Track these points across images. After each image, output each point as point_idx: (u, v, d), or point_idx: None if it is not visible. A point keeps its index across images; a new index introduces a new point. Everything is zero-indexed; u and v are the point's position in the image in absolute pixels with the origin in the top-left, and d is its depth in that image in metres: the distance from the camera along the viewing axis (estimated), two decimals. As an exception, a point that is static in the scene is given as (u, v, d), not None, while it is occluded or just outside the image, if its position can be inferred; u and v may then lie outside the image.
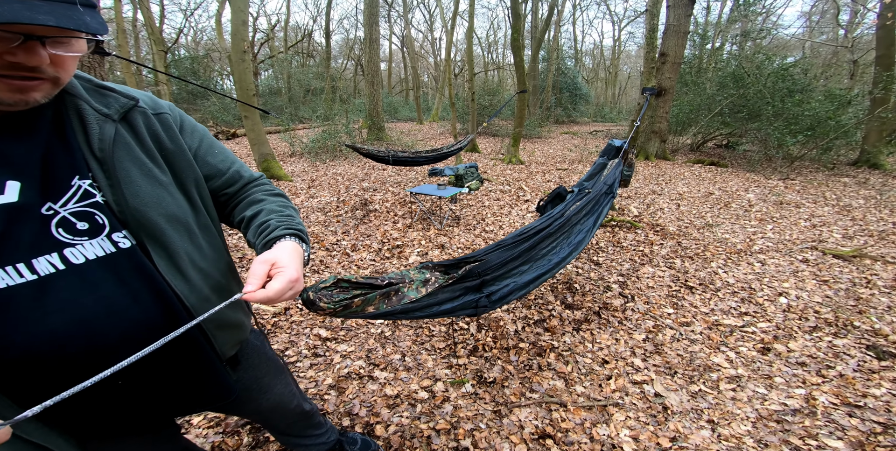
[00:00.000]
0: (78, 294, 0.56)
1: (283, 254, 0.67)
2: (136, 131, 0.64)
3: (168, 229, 0.64)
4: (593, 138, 12.56)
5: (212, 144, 0.78)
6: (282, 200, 0.84)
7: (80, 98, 0.60)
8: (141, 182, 0.62)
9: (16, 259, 0.52)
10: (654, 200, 5.33)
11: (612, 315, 2.43)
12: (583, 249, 1.55)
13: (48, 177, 0.56)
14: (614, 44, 28.23)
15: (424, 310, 0.98)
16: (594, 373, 1.94)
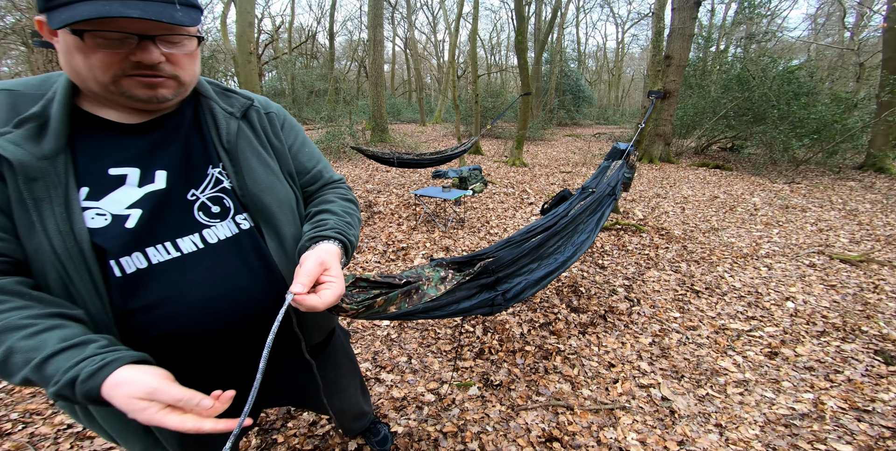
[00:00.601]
0: (212, 271, 0.64)
1: (332, 260, 0.67)
2: (253, 126, 0.75)
3: (278, 213, 0.73)
4: (596, 141, 12.59)
5: (304, 143, 0.85)
6: (350, 206, 0.86)
7: (212, 99, 0.70)
8: (259, 170, 0.71)
9: (165, 238, 0.61)
10: (659, 204, 5.35)
11: (618, 319, 2.44)
12: (586, 249, 1.58)
13: (189, 167, 0.66)
14: (618, 46, 28.34)
15: (444, 309, 0.98)
16: (600, 376, 1.95)
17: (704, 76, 10.63)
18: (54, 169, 0.54)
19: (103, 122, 0.60)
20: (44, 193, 0.53)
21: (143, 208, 0.59)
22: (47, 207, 0.53)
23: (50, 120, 0.55)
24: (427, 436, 1.56)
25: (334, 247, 0.70)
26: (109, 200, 0.58)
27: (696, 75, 10.40)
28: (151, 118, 0.64)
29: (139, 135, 0.62)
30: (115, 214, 0.58)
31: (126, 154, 0.61)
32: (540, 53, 14.04)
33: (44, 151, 0.54)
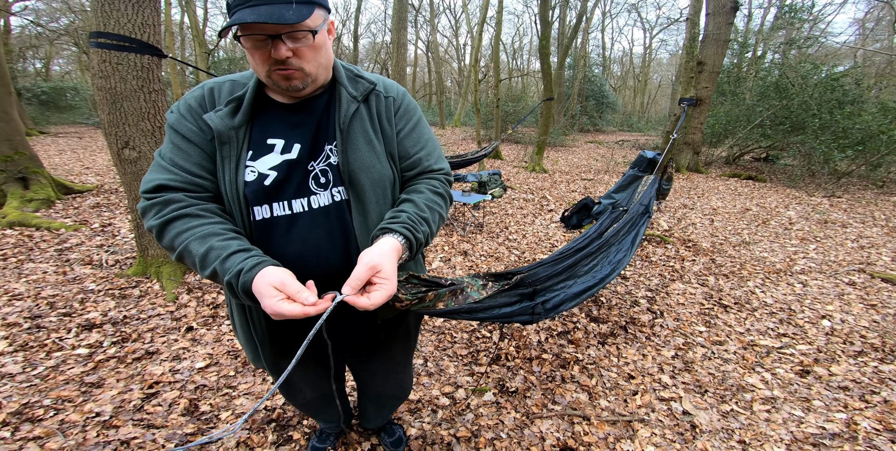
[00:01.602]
0: (309, 231, 0.80)
1: (387, 261, 0.71)
2: (370, 109, 0.85)
3: (370, 191, 0.82)
4: (620, 149, 12.51)
5: (413, 129, 0.91)
6: (436, 200, 0.89)
7: (343, 85, 0.82)
8: (363, 150, 0.81)
9: (285, 197, 0.79)
10: (686, 215, 5.30)
11: (640, 330, 2.45)
12: (624, 267, 1.66)
13: (315, 142, 0.81)
14: (645, 52, 28.20)
15: (486, 311, 1.05)
16: (619, 388, 1.97)
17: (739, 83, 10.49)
18: (237, 136, 0.77)
19: (274, 102, 0.81)
20: (227, 153, 0.77)
21: (278, 172, 0.78)
22: (228, 163, 0.77)
23: (244, 101, 0.77)
24: (440, 440, 1.61)
25: (396, 242, 0.76)
26: (260, 162, 0.78)
27: (730, 82, 10.27)
28: (300, 100, 0.81)
29: (291, 113, 0.81)
30: (260, 172, 0.77)
31: (279, 128, 0.80)
32: (563, 58, 14.13)
33: (234, 124, 0.76)
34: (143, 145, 2.59)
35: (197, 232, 0.71)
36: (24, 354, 2.00)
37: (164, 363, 1.97)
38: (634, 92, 29.37)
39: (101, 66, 2.39)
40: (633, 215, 1.99)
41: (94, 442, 1.50)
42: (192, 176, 0.76)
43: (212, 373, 1.93)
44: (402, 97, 0.90)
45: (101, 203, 4.74)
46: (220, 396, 1.78)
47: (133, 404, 1.70)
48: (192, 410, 1.69)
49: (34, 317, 2.34)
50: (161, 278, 2.75)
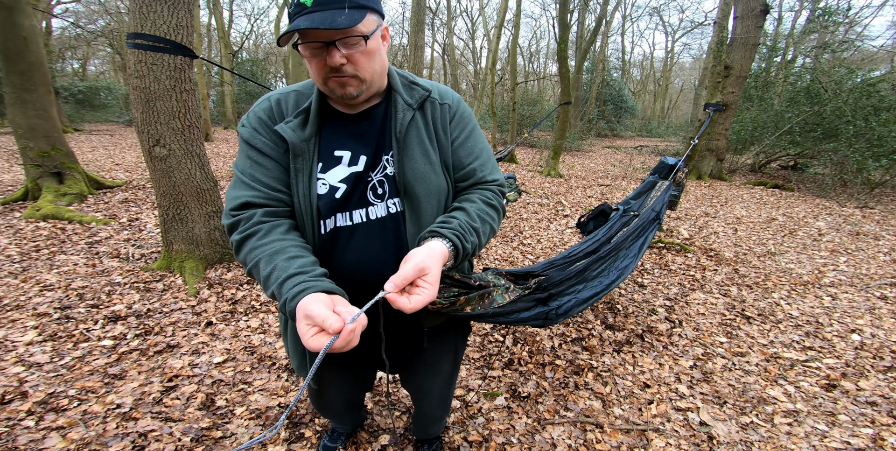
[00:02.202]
0: (366, 242, 0.81)
1: (434, 265, 0.69)
2: (425, 117, 0.83)
3: (425, 202, 0.81)
4: (639, 154, 12.33)
5: (468, 138, 0.88)
6: (489, 211, 0.85)
7: (398, 92, 0.82)
8: (418, 160, 0.81)
9: (348, 209, 0.80)
10: (708, 223, 5.18)
11: (657, 339, 2.41)
12: (629, 274, 1.66)
13: (376, 152, 0.81)
14: (666, 55, 27.72)
15: (508, 316, 1.07)
16: (634, 396, 1.95)
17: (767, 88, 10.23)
18: (308, 148, 0.78)
19: (337, 113, 0.81)
20: (301, 165, 0.78)
21: (346, 184, 0.79)
22: (301, 175, 0.78)
23: (311, 112, 0.78)
24: (452, 443, 1.62)
25: (444, 247, 0.73)
26: (330, 174, 0.79)
27: (757, 87, 10.03)
28: (361, 110, 0.81)
29: (354, 123, 0.81)
30: (331, 185, 0.79)
31: (344, 139, 0.81)
32: (581, 62, 14.04)
33: (305, 136, 0.77)
34: (172, 143, 2.69)
35: (267, 250, 0.72)
36: (53, 344, 2.10)
37: (183, 357, 2.04)
38: (655, 96, 28.89)
39: (137, 67, 2.50)
40: (643, 221, 1.97)
41: (113, 434, 1.54)
42: (273, 191, 0.78)
43: (228, 368, 1.98)
44: (458, 104, 0.88)
45: (129, 198, 4.94)
46: (235, 391, 1.83)
47: (153, 396, 1.76)
48: (209, 404, 1.74)
49: (64, 308, 2.46)
50: (184, 273, 2.85)
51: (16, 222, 3.95)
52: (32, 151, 4.56)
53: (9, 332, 2.18)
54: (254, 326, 2.35)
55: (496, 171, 0.92)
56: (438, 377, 1.14)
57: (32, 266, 3.03)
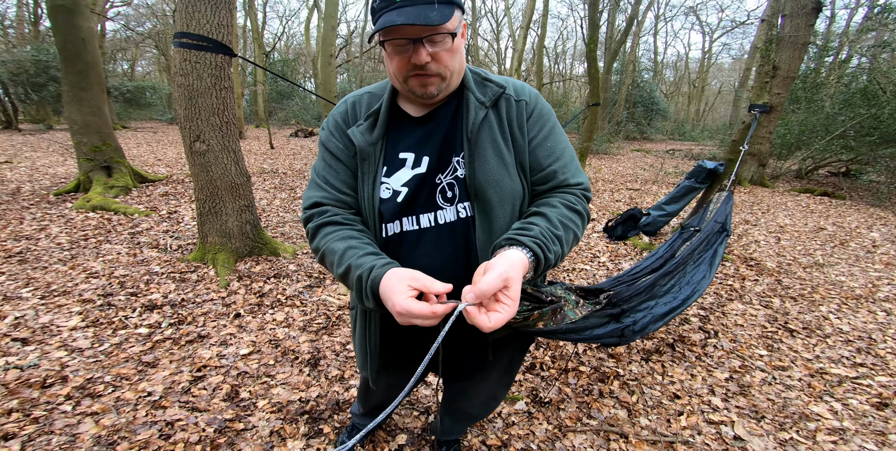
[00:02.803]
0: (434, 247, 0.78)
1: (517, 277, 0.62)
2: (499, 115, 0.77)
3: (497, 208, 0.75)
4: (671, 158, 11.86)
5: (548, 137, 0.80)
6: (573, 217, 0.77)
7: (470, 90, 0.77)
8: (492, 162, 0.75)
9: (414, 212, 0.77)
10: (748, 231, 4.92)
11: (689, 349, 2.30)
12: (705, 288, 1.57)
13: (442, 154, 0.77)
14: (703, 56, 26.60)
15: (580, 333, 1.01)
16: (662, 407, 1.86)
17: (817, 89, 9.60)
18: (374, 152, 0.77)
19: (405, 115, 0.79)
20: (367, 168, 0.77)
21: (409, 187, 0.76)
22: (367, 179, 0.77)
23: (380, 115, 0.77)
24: (469, 447, 1.59)
25: (524, 258, 0.65)
26: (394, 178, 0.77)
27: (806, 88, 9.43)
28: (429, 111, 0.79)
29: (420, 125, 0.78)
30: (394, 189, 0.77)
31: (409, 142, 0.78)
32: (611, 63, 13.68)
33: (372, 139, 0.76)
34: (211, 139, 2.80)
35: (340, 234, 0.74)
36: (94, 330, 2.22)
37: (212, 348, 2.11)
38: (689, 98, 27.78)
39: (181, 65, 2.63)
40: (707, 234, 1.87)
41: (142, 421, 1.60)
42: (340, 194, 0.79)
43: (253, 361, 2.03)
44: (536, 101, 0.81)
45: (169, 192, 5.19)
46: (259, 384, 1.87)
47: (182, 386, 1.81)
48: (233, 396, 1.78)
49: (106, 295, 2.60)
50: (216, 265, 2.96)
51: (67, 212, 4.23)
52: (86, 146, 4.88)
53: (55, 317, 2.33)
54: (279, 319, 2.41)
55: (580, 173, 0.83)
56: (485, 383, 1.09)
57: (80, 254, 3.23)
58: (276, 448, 1.52)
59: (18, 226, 3.79)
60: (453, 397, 1.22)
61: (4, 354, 1.97)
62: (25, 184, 5.43)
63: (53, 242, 3.46)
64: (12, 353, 1.98)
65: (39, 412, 1.60)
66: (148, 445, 1.48)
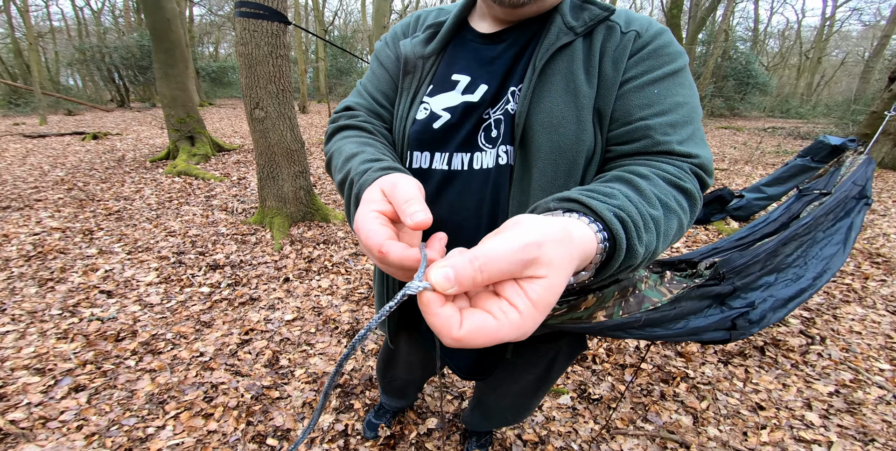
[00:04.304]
0: (458, 196, 0.62)
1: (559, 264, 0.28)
2: (590, 46, 0.57)
3: (542, 162, 0.55)
4: (770, 136, 10.08)
5: (655, 82, 0.54)
6: (680, 197, 0.48)
7: (560, 12, 0.58)
8: (558, 99, 0.55)
9: (448, 149, 0.62)
10: (874, 222, 4.01)
11: (784, 355, 1.89)
12: (839, 267, 1.08)
13: (502, 84, 0.60)
14: (822, 23, 21.80)
15: (668, 326, 0.67)
16: (739, 417, 1.55)
17: None
18: (422, 67, 0.64)
19: (474, 32, 0.64)
20: (408, 85, 0.65)
21: (451, 114, 0.61)
22: (406, 95, 0.65)
23: (442, 28, 0.64)
24: (504, 440, 1.45)
25: (587, 234, 0.34)
26: (437, 99, 0.62)
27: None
28: (504, 28, 0.62)
29: (487, 45, 0.63)
30: (433, 112, 0.62)
31: (468, 62, 0.62)
32: (695, 33, 11.71)
33: (424, 52, 0.64)
34: (269, 106, 2.83)
35: (360, 140, 0.61)
36: (166, 286, 2.38)
37: (261, 311, 2.16)
38: (799, 71, 23.34)
39: (242, 34, 2.65)
40: (843, 196, 1.32)
41: (191, 382, 1.65)
42: (376, 104, 0.69)
43: (296, 327, 2.04)
44: (655, 36, 0.56)
45: (240, 160, 5.52)
46: (298, 351, 1.86)
47: (230, 348, 1.86)
48: (274, 362, 1.79)
49: (180, 253, 2.79)
50: (272, 229, 3.05)
51: (158, 177, 4.66)
52: (174, 118, 5.30)
53: (137, 272, 2.54)
54: (324, 286, 2.40)
55: (699, 143, 0.54)
56: (517, 386, 0.90)
57: (164, 214, 3.53)
58: (306, 420, 1.50)
59: (120, 188, 4.26)
60: (484, 392, 1.07)
61: (92, 305, 2.18)
62: (129, 152, 6.11)
63: (145, 202, 3.83)
64: (98, 304, 2.19)
65: (108, 365, 1.73)
66: (192, 406, 1.52)
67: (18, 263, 2.62)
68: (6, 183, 4.36)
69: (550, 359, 0.83)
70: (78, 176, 4.70)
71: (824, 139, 3.13)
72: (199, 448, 1.35)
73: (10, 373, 1.65)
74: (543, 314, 0.28)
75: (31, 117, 11.18)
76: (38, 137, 7.55)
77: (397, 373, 1.12)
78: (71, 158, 5.68)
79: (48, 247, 2.83)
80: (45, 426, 1.40)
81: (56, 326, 1.99)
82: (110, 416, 1.46)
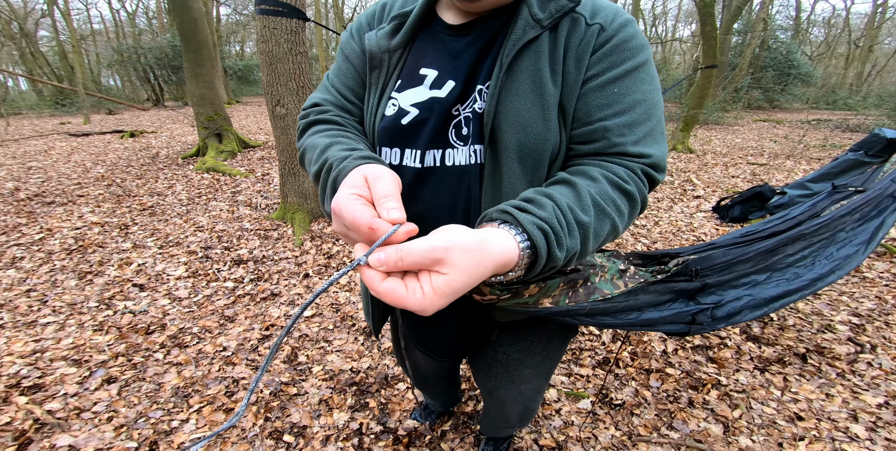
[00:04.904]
0: (432, 194, 0.62)
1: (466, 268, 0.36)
2: (555, 40, 0.56)
3: (512, 159, 0.57)
4: (815, 129, 9.38)
5: (616, 81, 0.55)
6: (620, 200, 0.52)
7: (527, 3, 0.56)
8: (524, 98, 0.55)
9: (418, 145, 0.61)
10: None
11: (829, 364, 1.75)
12: (852, 268, 1.00)
13: (469, 80, 0.59)
14: (874, 9, 19.97)
15: (617, 316, 0.70)
16: (775, 427, 1.45)
17: None
18: (389, 62, 0.62)
19: (442, 23, 0.62)
20: (375, 80, 0.63)
21: (420, 110, 0.60)
22: (374, 91, 0.64)
23: (408, 19, 0.61)
24: (520, 444, 1.40)
25: (512, 246, 0.41)
26: (405, 95, 0.61)
27: None
28: (470, 20, 0.60)
29: (454, 37, 0.61)
30: (401, 107, 0.61)
31: (436, 56, 0.61)
32: (731, 22, 10.93)
33: (390, 46, 0.61)
34: (289, 103, 2.85)
35: (331, 132, 0.62)
36: (193, 280, 2.45)
37: (281, 307, 2.19)
38: (847, 60, 21.63)
39: (262, 32, 2.66)
40: (877, 194, 1.20)
41: (214, 376, 1.68)
42: (344, 100, 0.68)
43: (315, 324, 2.05)
44: (618, 29, 0.55)
45: (265, 156, 5.63)
46: (316, 348, 1.87)
47: (251, 343, 1.88)
48: (292, 359, 1.80)
49: (207, 248, 2.87)
50: (293, 224, 3.09)
51: (189, 173, 4.82)
52: (203, 116, 5.45)
53: (167, 266, 2.63)
54: (342, 282, 2.41)
55: (652, 142, 0.55)
56: (515, 387, 0.89)
57: (193, 209, 3.64)
58: (322, 417, 1.50)
59: (154, 184, 4.43)
60: (486, 398, 1.06)
61: (125, 298, 2.28)
62: (163, 149, 6.34)
63: (176, 198, 3.96)
64: (131, 297, 2.28)
65: (139, 358, 1.79)
66: (214, 401, 1.55)
67: (60, 256, 2.76)
68: (52, 179, 4.61)
69: (543, 347, 0.83)
70: (116, 173, 4.92)
71: (879, 132, 2.86)
72: (219, 443, 1.38)
73: (49, 364, 1.73)
74: (443, 299, 0.36)
75: (76, 117, 11.82)
76: (82, 135, 7.97)
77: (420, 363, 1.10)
78: (110, 156, 5.96)
79: (88, 241, 2.97)
80: (79, 417, 1.46)
81: (93, 318, 2.08)
82: (138, 408, 1.51)
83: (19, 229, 3.22)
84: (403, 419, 1.49)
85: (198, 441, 0.31)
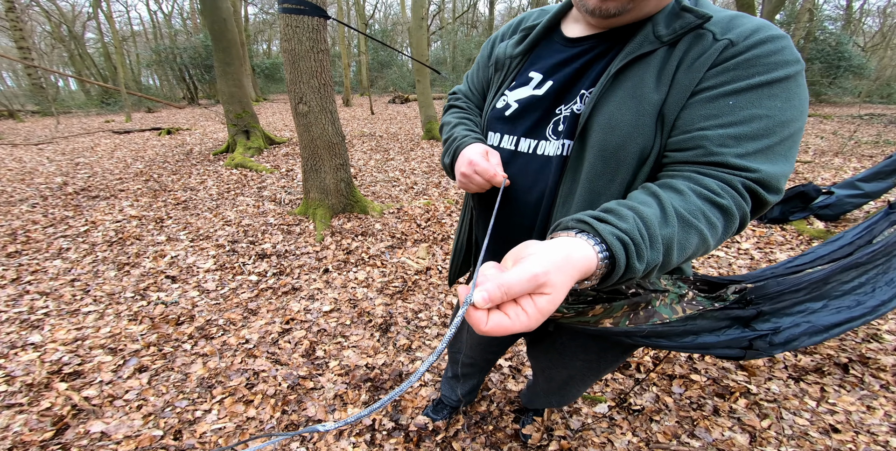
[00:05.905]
0: (519, 174, 0.72)
1: (561, 283, 0.39)
2: (671, 54, 0.56)
3: (594, 158, 0.60)
4: (867, 124, 8.63)
5: (733, 94, 0.52)
6: (711, 213, 0.49)
7: (653, 22, 0.57)
8: (619, 104, 0.57)
9: (517, 133, 0.72)
10: None
11: (873, 375, 1.62)
12: None
13: (571, 82, 0.66)
14: None
15: (675, 339, 0.72)
16: (807, 439, 1.36)
17: None
18: (509, 66, 0.75)
19: (561, 34, 0.70)
20: (497, 79, 0.77)
21: (520, 105, 0.71)
22: (493, 88, 0.78)
23: (532, 31, 0.73)
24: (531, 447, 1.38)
25: (591, 257, 0.42)
26: (514, 93, 0.73)
27: None
28: (588, 34, 0.66)
29: (567, 47, 0.68)
30: (508, 102, 0.73)
31: (546, 62, 0.70)
32: (772, 13, 10.18)
33: (513, 53, 0.74)
34: (311, 100, 2.86)
35: (460, 115, 0.84)
36: (221, 273, 2.52)
37: (301, 301, 2.21)
38: None
39: (285, 31, 2.67)
40: None
41: (236, 368, 1.72)
42: (470, 90, 0.87)
43: (333, 319, 2.06)
44: (753, 45, 0.52)
45: (289, 153, 5.73)
46: (334, 343, 1.88)
47: (272, 337, 1.92)
48: (310, 353, 1.82)
49: (234, 241, 2.95)
50: (315, 220, 3.13)
51: (219, 169, 4.96)
52: (232, 114, 5.59)
53: (197, 259, 2.72)
54: (360, 278, 2.42)
55: (765, 160, 0.51)
56: (566, 372, 0.99)
57: (222, 204, 3.75)
58: (336, 412, 1.51)
59: (187, 179, 4.59)
60: (535, 372, 1.17)
61: (158, 289, 2.37)
62: (196, 146, 6.57)
63: (207, 193, 4.09)
64: (163, 289, 2.37)
65: (168, 348, 1.86)
66: (235, 392, 1.59)
67: (102, 247, 2.91)
68: (96, 175, 4.86)
69: (602, 348, 0.88)
70: (153, 168, 5.13)
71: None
72: (238, 434, 1.42)
73: (89, 351, 1.82)
74: (545, 316, 0.38)
75: (118, 115, 12.43)
76: (124, 132, 8.37)
77: (465, 351, 1.18)
78: (149, 152, 6.22)
79: (127, 233, 3.12)
80: (112, 404, 1.53)
81: (128, 308, 2.18)
82: (166, 397, 1.57)
83: (66, 221, 3.41)
84: (415, 416, 1.48)
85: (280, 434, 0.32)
